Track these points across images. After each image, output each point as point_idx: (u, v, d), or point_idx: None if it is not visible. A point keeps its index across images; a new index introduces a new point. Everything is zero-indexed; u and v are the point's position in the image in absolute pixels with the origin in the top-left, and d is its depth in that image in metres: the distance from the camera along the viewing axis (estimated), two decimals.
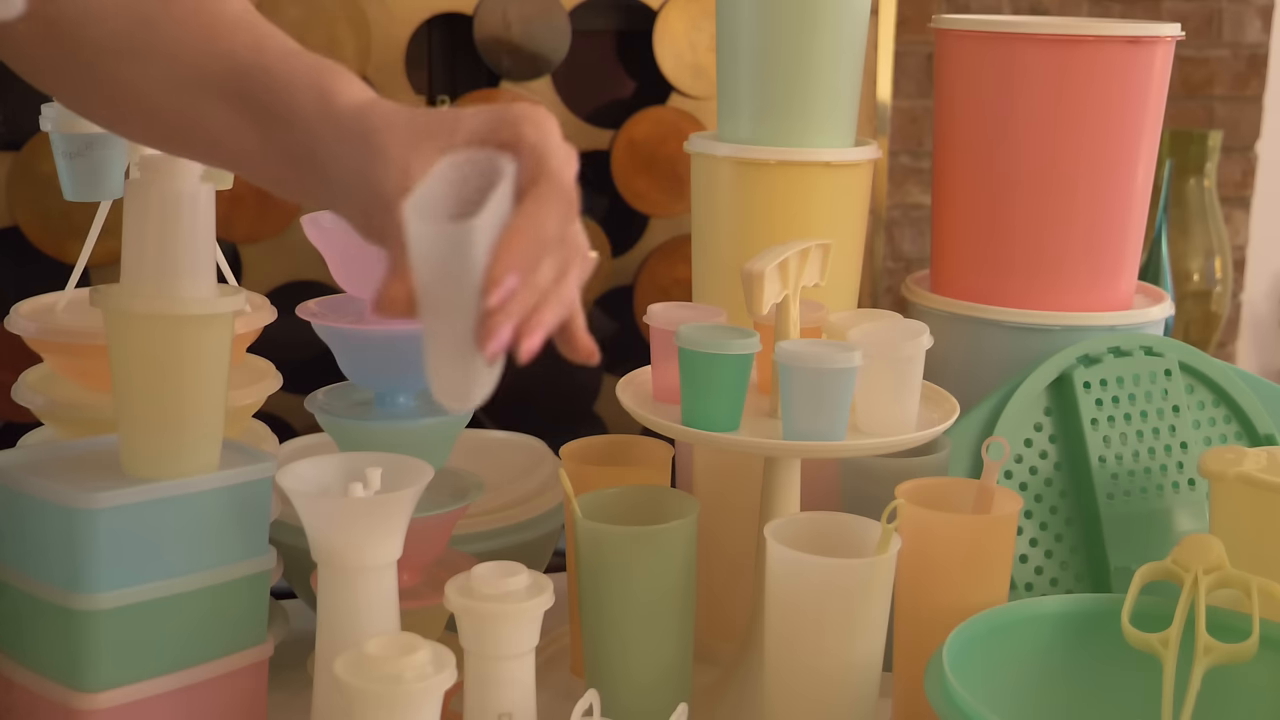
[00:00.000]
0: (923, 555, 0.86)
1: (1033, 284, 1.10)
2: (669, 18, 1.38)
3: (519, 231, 0.62)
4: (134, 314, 0.78)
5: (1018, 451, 1.04)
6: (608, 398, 1.41)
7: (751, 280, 0.87)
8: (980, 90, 1.10)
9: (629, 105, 1.40)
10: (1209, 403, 1.10)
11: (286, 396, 1.06)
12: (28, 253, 1.24)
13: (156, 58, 0.68)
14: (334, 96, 0.65)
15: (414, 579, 0.94)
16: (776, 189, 1.07)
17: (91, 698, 0.78)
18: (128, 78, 0.68)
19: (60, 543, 0.78)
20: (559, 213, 0.63)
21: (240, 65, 0.67)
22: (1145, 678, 0.82)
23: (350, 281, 0.94)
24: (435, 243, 0.61)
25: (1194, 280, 1.60)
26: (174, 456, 0.80)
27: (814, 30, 1.06)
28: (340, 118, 0.65)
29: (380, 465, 0.81)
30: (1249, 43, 2.39)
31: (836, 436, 0.87)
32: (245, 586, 0.83)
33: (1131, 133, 1.09)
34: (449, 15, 1.33)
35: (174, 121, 0.69)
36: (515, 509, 1.10)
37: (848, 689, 0.82)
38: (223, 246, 0.99)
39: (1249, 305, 2.50)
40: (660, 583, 0.87)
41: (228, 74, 0.67)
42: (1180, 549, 0.85)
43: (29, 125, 1.01)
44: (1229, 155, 2.40)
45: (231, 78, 0.67)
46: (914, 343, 0.90)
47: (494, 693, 0.76)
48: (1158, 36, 1.08)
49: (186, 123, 0.69)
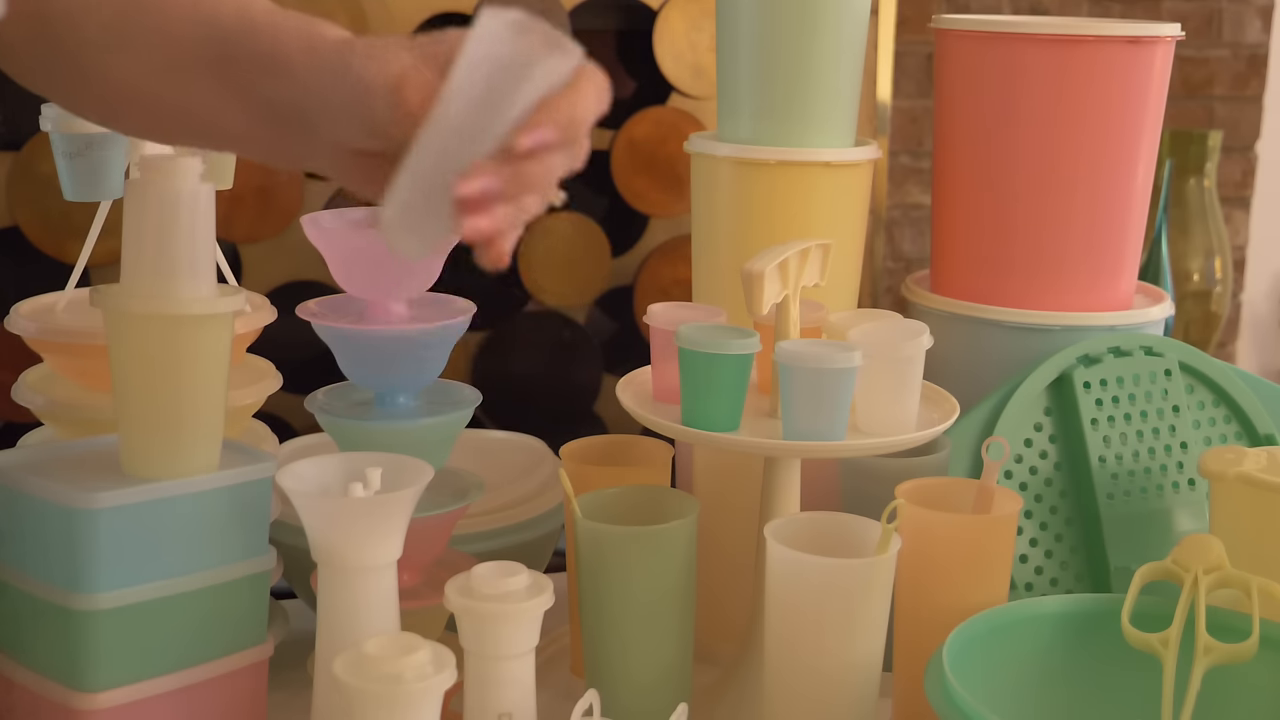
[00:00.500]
0: (923, 555, 0.86)
1: (1033, 284, 1.10)
2: (669, 18, 1.38)
3: (571, 97, 0.61)
4: (133, 314, 0.78)
5: (1018, 451, 1.04)
6: (608, 398, 1.41)
7: (751, 280, 0.87)
8: (980, 90, 1.10)
9: (629, 105, 1.40)
10: (1209, 403, 1.10)
11: (286, 396, 1.06)
12: (28, 253, 1.24)
13: (145, 42, 0.68)
14: (320, 37, 0.66)
15: (414, 579, 0.94)
16: (776, 189, 1.07)
17: (91, 698, 0.78)
18: (117, 70, 0.69)
19: (60, 543, 0.78)
20: (597, 108, 0.63)
21: (226, 28, 0.67)
22: (1145, 678, 0.82)
23: (350, 281, 0.94)
24: (496, 51, 0.59)
25: (1194, 280, 1.60)
26: (174, 456, 0.80)
27: (814, 30, 1.06)
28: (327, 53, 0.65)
29: (380, 465, 0.81)
30: (1249, 43, 2.40)
31: (836, 436, 0.87)
32: (245, 586, 0.83)
33: (1131, 133, 1.09)
34: (449, 15, 1.33)
35: (164, 108, 0.69)
36: (515, 509, 1.10)
37: (848, 689, 0.82)
38: (223, 246, 0.99)
39: (1249, 305, 2.50)
40: (660, 583, 0.87)
41: (214, 40, 0.67)
42: (1180, 549, 0.85)
43: (29, 125, 1.01)
44: (1229, 155, 2.40)
45: (217, 43, 0.67)
46: (914, 343, 0.90)
47: (494, 693, 0.76)
48: (1158, 36, 1.08)
49: (177, 107, 0.69)
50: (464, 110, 0.60)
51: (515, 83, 0.60)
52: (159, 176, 0.77)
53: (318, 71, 0.65)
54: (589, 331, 1.41)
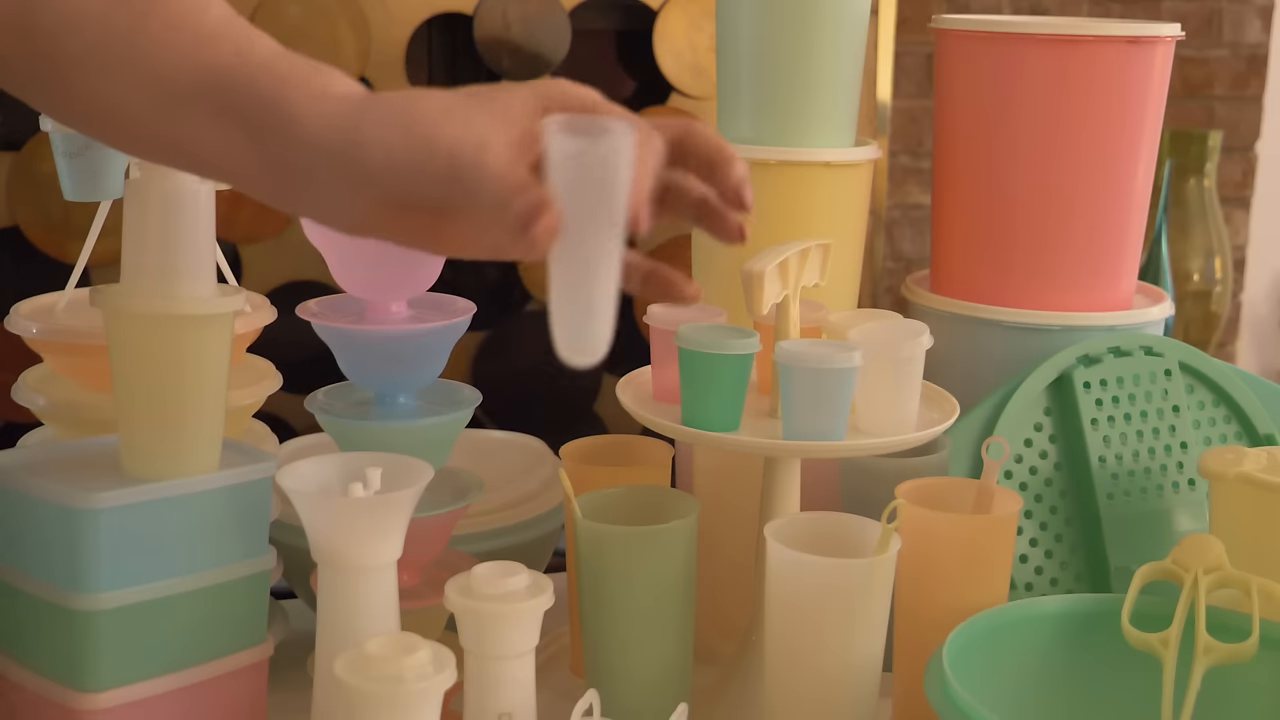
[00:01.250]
0: (923, 555, 0.86)
1: (1033, 284, 1.10)
2: (669, 18, 1.38)
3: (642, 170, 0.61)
4: (134, 314, 0.78)
5: (1018, 451, 1.04)
6: (608, 398, 1.41)
7: (751, 280, 0.87)
8: (980, 90, 1.10)
9: (629, 105, 1.38)
10: (1209, 403, 1.10)
11: (286, 396, 1.06)
12: (28, 253, 1.24)
13: (135, 72, 0.65)
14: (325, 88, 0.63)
15: (414, 579, 0.94)
16: (776, 189, 1.07)
17: (92, 698, 0.78)
18: (104, 91, 0.66)
19: (60, 543, 0.77)
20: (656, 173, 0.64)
21: (225, 76, 0.64)
22: (1145, 678, 0.82)
23: (350, 281, 0.94)
24: (586, 159, 0.60)
25: (1194, 280, 1.60)
26: (174, 456, 0.80)
27: (814, 30, 1.06)
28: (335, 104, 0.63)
29: (380, 465, 0.81)
30: (1249, 43, 2.40)
31: (836, 436, 0.87)
32: (245, 586, 0.83)
33: (1131, 133, 1.09)
34: (449, 15, 1.33)
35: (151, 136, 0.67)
36: (515, 509, 1.10)
37: (848, 689, 0.82)
38: (223, 246, 0.99)
39: (1249, 305, 2.50)
40: (660, 583, 0.87)
41: (213, 87, 0.64)
42: (1180, 549, 0.85)
43: (29, 125, 1.01)
44: (1229, 155, 2.40)
45: (217, 90, 0.64)
46: (914, 343, 0.90)
47: (494, 693, 0.76)
48: (1158, 36, 1.08)
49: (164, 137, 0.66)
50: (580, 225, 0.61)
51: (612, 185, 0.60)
52: (159, 176, 0.77)
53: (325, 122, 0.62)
54: None
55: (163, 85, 0.65)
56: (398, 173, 0.61)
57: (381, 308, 0.95)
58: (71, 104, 0.68)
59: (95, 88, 0.66)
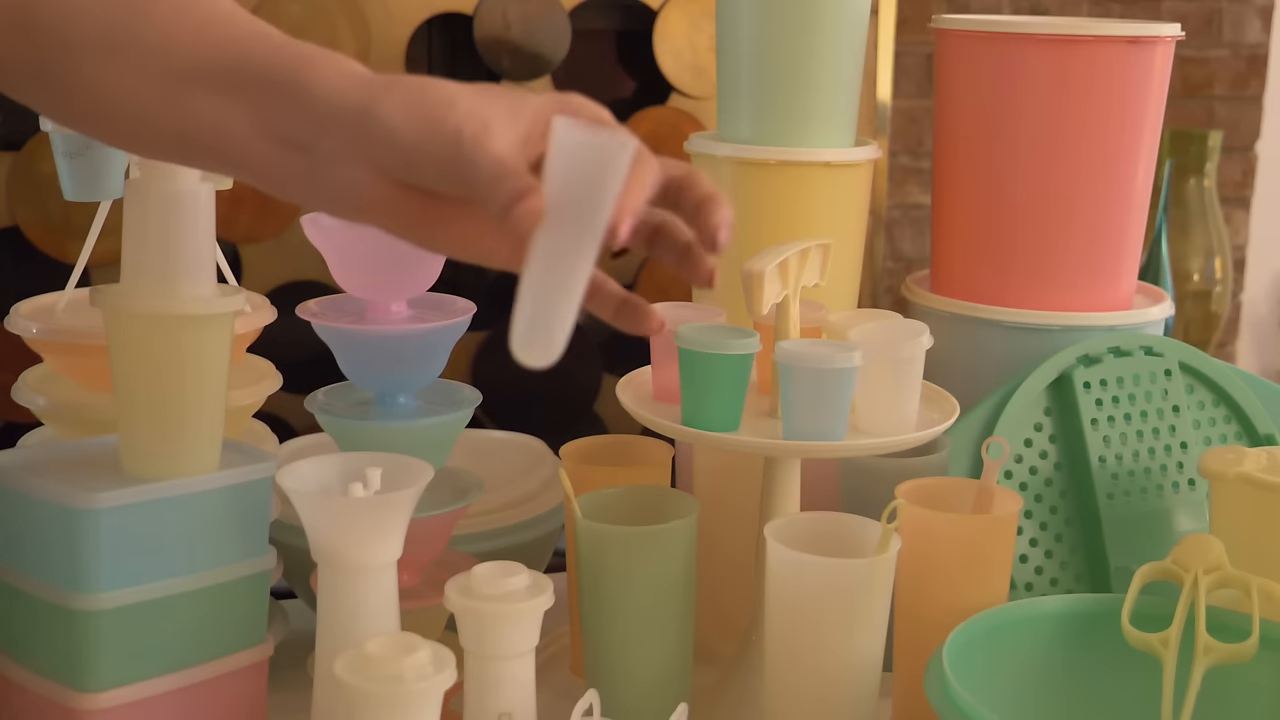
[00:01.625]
0: (923, 555, 0.86)
1: (1033, 284, 1.10)
2: (669, 18, 1.38)
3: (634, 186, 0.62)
4: (134, 314, 0.78)
5: (1018, 451, 1.04)
6: (608, 398, 1.41)
7: (751, 280, 0.87)
8: (980, 90, 1.10)
9: (629, 105, 1.40)
10: (1209, 403, 1.10)
11: (286, 396, 1.06)
12: (28, 253, 1.24)
13: (143, 50, 0.66)
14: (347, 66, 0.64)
15: (414, 579, 0.94)
16: (776, 189, 1.07)
17: (92, 698, 0.78)
18: (107, 80, 0.66)
19: (60, 543, 0.78)
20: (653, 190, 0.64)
21: (241, 50, 0.65)
22: (1145, 678, 0.82)
23: (350, 281, 0.94)
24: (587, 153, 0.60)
25: (1194, 280, 1.60)
26: (174, 456, 0.80)
27: (814, 30, 1.06)
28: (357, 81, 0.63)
29: (380, 465, 0.81)
30: (1249, 43, 2.40)
31: (836, 436, 0.87)
32: (245, 586, 0.83)
33: (1131, 133, 1.09)
34: (449, 15, 1.33)
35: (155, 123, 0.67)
36: (515, 509, 1.10)
37: (848, 689, 0.82)
38: (223, 246, 0.99)
39: (1249, 305, 2.50)
40: (660, 583, 0.87)
41: (225, 60, 0.65)
42: (1180, 549, 0.85)
43: (29, 125, 1.01)
44: (1229, 155, 2.40)
45: (230, 64, 0.65)
46: (914, 343, 0.90)
47: (494, 693, 0.76)
48: (1158, 36, 1.08)
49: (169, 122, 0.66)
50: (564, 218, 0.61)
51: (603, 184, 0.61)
52: (159, 176, 0.77)
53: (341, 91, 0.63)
54: (588, 332, 1.41)
55: (170, 62, 0.66)
56: (403, 145, 0.62)
57: (381, 308, 0.95)
58: (72, 101, 0.68)
59: (98, 78, 0.66)
